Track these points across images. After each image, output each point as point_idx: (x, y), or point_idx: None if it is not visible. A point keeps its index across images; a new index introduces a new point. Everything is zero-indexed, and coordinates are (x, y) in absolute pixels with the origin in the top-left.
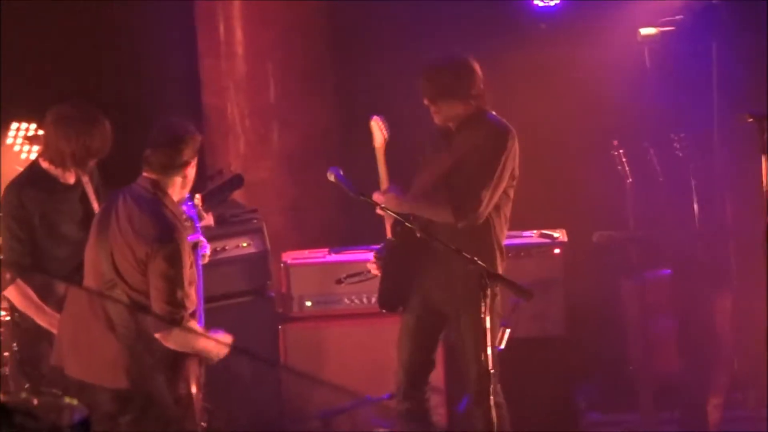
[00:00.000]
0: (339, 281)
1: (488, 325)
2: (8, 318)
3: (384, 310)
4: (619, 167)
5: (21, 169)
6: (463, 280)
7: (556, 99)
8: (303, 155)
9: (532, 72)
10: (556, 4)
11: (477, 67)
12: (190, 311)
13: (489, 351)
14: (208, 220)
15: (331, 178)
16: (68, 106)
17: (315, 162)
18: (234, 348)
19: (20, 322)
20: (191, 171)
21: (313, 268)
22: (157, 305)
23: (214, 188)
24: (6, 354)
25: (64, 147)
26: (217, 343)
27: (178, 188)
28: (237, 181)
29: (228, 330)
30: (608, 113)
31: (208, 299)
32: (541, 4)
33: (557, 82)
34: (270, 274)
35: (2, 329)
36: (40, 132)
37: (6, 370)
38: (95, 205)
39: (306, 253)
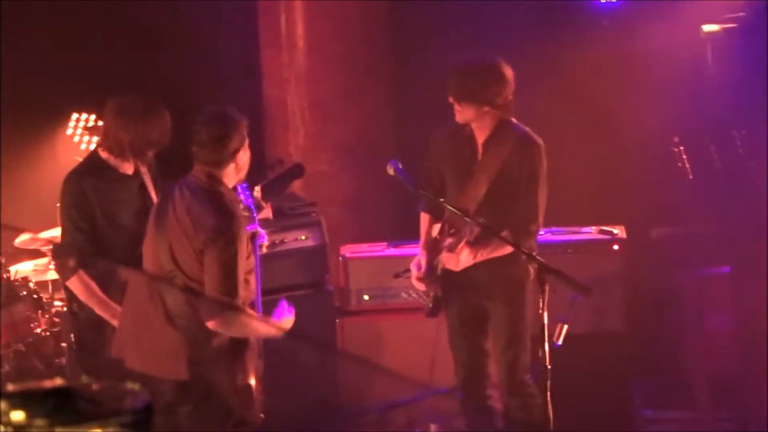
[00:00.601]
0: (397, 275)
1: (546, 321)
2: (66, 309)
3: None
4: (680, 164)
5: (81, 159)
6: (502, 272)
7: (618, 95)
8: (362, 148)
9: (593, 68)
10: (618, 0)
11: (509, 74)
12: (248, 302)
13: (546, 347)
14: (267, 212)
15: (391, 171)
16: (128, 97)
17: (374, 155)
18: (293, 339)
19: (78, 312)
20: (243, 156)
21: (371, 262)
22: (210, 292)
23: (274, 178)
24: (64, 345)
25: (122, 137)
26: (273, 329)
27: (233, 175)
28: (297, 171)
29: None
30: (669, 109)
31: (266, 292)
32: (603, 0)
33: (619, 78)
34: (328, 267)
35: (59, 320)
36: (100, 123)
37: (64, 360)
38: (154, 196)
39: (364, 246)
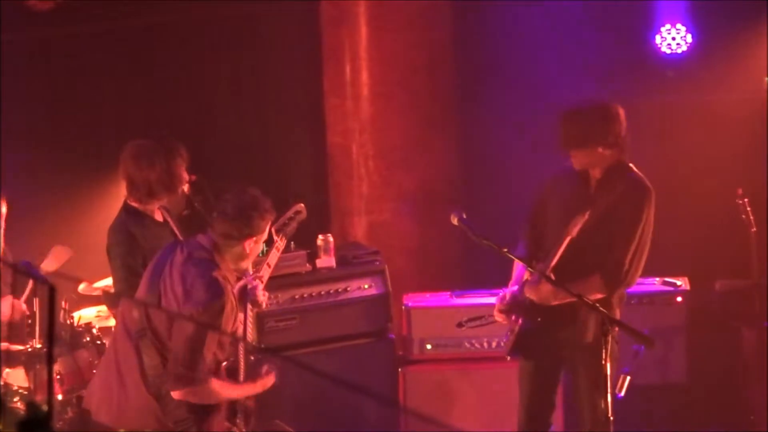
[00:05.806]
0: (460, 325)
1: (609, 371)
2: None
3: (510, 357)
4: (744, 216)
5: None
6: (588, 325)
7: (681, 145)
8: (426, 197)
9: (657, 117)
10: (683, 51)
11: (616, 112)
12: (222, 362)
13: (609, 398)
14: (329, 261)
15: (455, 221)
16: (140, 140)
17: (438, 204)
18: (356, 389)
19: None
20: (254, 246)
21: (434, 311)
22: (173, 365)
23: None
24: None
25: (135, 179)
26: (247, 390)
27: (236, 259)
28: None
29: (348, 371)
30: (733, 161)
31: (328, 340)
32: (668, 51)
33: (683, 128)
34: (391, 316)
35: None
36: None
37: None
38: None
39: (427, 295)
